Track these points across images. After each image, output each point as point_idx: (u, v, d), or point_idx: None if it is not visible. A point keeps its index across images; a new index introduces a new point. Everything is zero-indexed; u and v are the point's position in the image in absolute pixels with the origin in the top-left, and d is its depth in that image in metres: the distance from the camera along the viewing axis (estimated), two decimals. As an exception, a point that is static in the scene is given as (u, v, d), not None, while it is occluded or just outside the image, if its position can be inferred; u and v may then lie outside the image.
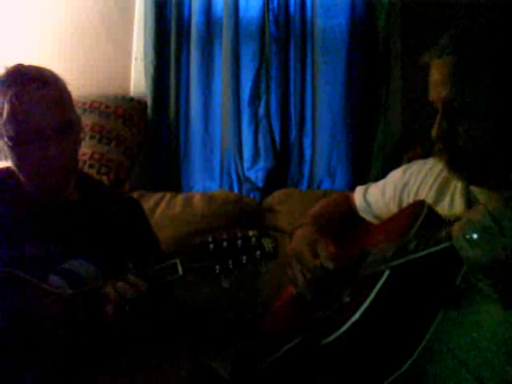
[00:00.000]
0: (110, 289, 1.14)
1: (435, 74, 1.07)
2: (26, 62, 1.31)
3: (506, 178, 0.86)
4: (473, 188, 1.12)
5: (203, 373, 1.32)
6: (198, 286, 1.52)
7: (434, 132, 1.07)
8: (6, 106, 1.23)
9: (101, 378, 1.18)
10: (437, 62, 1.06)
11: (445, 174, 1.16)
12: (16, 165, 1.29)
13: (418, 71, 1.10)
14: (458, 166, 1.09)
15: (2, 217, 1.31)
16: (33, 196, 1.33)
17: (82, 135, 1.41)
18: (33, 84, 1.24)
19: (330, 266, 1.18)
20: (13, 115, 1.23)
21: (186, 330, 1.41)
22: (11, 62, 1.31)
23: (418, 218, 1.10)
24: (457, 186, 1.16)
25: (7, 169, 1.34)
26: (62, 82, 1.32)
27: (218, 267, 1.12)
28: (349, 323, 1.02)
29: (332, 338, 1.03)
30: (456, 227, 0.89)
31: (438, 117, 1.07)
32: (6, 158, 1.30)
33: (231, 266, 1.11)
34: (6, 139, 1.25)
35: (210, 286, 1.27)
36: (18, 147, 1.25)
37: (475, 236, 0.85)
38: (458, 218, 0.92)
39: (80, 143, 1.38)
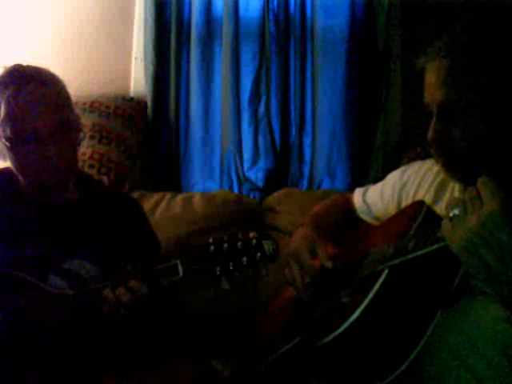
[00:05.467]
0: (110, 293, 1.14)
1: (430, 77, 1.07)
2: (26, 62, 1.31)
3: (502, 178, 0.86)
4: None
5: (203, 373, 1.32)
6: (198, 288, 1.52)
7: (429, 135, 1.07)
8: (3, 107, 1.22)
9: (101, 379, 1.19)
10: (431, 65, 1.06)
11: (443, 174, 1.17)
12: (14, 165, 1.29)
13: (418, 71, 1.10)
14: (455, 168, 1.09)
15: (2, 217, 1.31)
16: (32, 196, 1.33)
17: (81, 135, 1.41)
18: (29, 84, 1.24)
19: (329, 265, 1.19)
20: (9, 116, 1.23)
21: (185, 332, 1.41)
22: (11, 62, 1.31)
23: (417, 218, 1.10)
24: (455, 186, 1.16)
25: (6, 169, 1.34)
26: (61, 82, 1.31)
27: (218, 269, 1.12)
28: (347, 323, 1.02)
29: (330, 338, 1.03)
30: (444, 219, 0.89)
31: (433, 120, 1.07)
32: (4, 158, 1.31)
33: (231, 268, 1.12)
34: (3, 140, 1.25)
35: (209, 288, 1.27)
36: (15, 148, 1.25)
37: (456, 211, 0.85)
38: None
39: (79, 143, 1.37)
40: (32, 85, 1.24)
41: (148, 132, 2.22)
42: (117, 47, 2.31)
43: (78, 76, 2.21)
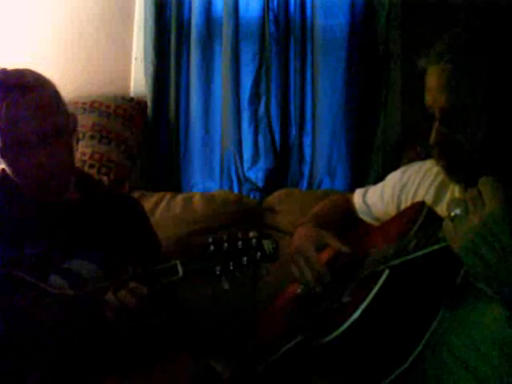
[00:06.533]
0: (111, 296, 1.13)
1: (432, 81, 1.06)
2: (25, 62, 1.30)
3: (503, 178, 0.86)
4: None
5: (203, 373, 1.32)
6: (198, 286, 1.52)
7: (431, 138, 1.07)
8: None
9: (101, 379, 1.18)
10: (433, 68, 1.05)
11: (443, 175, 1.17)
12: (9, 171, 1.28)
13: (419, 72, 1.10)
14: (456, 171, 1.09)
15: (2, 217, 1.31)
16: (32, 196, 1.33)
17: (78, 135, 1.40)
18: (14, 92, 1.21)
19: (347, 250, 1.20)
20: None
21: (185, 330, 1.41)
22: (11, 63, 1.30)
23: (418, 218, 1.10)
24: (455, 186, 1.16)
25: (5, 169, 1.34)
26: (49, 84, 1.29)
27: (218, 268, 1.12)
28: (348, 322, 1.02)
29: (332, 336, 1.04)
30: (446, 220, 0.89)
31: (436, 123, 1.06)
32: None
33: (231, 268, 1.11)
34: None
35: (208, 286, 1.27)
36: (6, 157, 1.25)
37: (458, 211, 0.85)
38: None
39: (76, 144, 1.36)
40: (16, 92, 1.21)
41: (148, 132, 2.22)
42: (117, 47, 2.31)
43: (78, 76, 2.21)
